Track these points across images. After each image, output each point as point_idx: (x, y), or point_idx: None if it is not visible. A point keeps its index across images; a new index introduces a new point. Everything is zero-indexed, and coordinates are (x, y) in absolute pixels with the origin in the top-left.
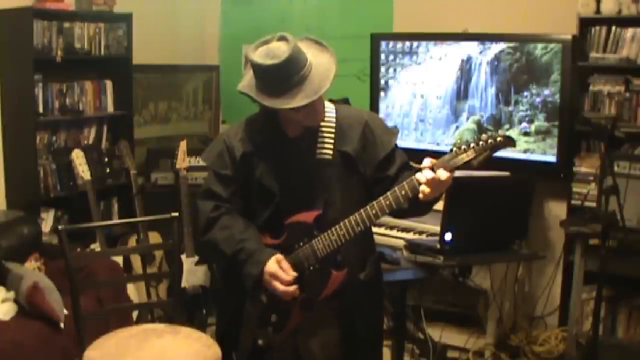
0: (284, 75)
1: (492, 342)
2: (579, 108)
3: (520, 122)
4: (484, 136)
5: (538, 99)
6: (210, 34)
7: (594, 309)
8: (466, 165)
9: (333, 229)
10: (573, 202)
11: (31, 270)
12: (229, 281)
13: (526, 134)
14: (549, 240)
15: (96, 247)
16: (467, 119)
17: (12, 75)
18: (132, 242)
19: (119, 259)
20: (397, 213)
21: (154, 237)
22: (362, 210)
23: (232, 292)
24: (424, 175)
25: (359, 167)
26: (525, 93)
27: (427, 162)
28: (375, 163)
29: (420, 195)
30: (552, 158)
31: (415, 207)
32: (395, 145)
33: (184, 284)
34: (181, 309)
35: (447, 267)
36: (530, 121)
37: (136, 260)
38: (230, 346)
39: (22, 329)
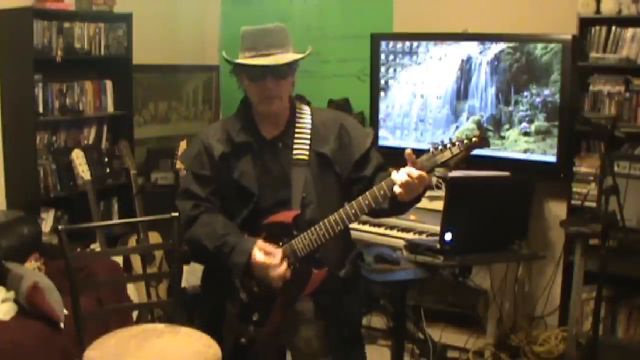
0: (267, 40)
1: (492, 342)
2: (579, 108)
3: (520, 122)
4: (459, 136)
5: (538, 99)
6: (210, 34)
7: (594, 309)
8: (443, 165)
9: (313, 228)
10: (573, 202)
11: (31, 270)
12: (207, 281)
13: (526, 134)
14: (549, 240)
15: (96, 247)
16: (467, 119)
17: (12, 75)
18: (132, 242)
19: (119, 259)
20: (378, 212)
21: (154, 237)
22: (341, 210)
23: (211, 292)
24: (400, 175)
25: (335, 168)
26: (525, 93)
27: (408, 151)
28: (352, 163)
29: (398, 195)
30: (552, 158)
31: (396, 206)
32: (371, 145)
33: (184, 284)
34: (181, 309)
35: (447, 267)
36: (530, 121)
37: (136, 260)
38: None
39: (22, 329)
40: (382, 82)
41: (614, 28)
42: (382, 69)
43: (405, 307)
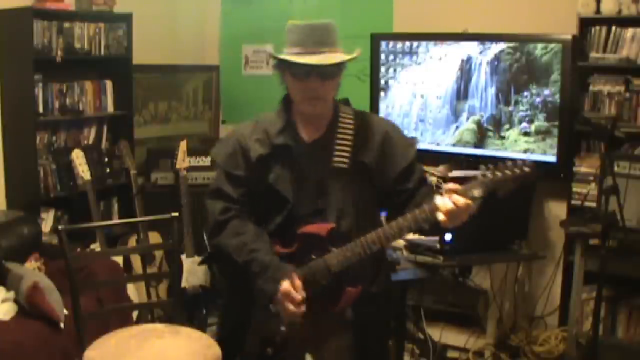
0: (315, 36)
1: (492, 342)
2: (579, 108)
3: (520, 122)
4: (510, 164)
5: (538, 99)
6: (210, 34)
7: (594, 309)
8: (489, 194)
9: (349, 245)
10: (573, 202)
11: (31, 270)
12: (234, 282)
13: (526, 134)
14: (549, 240)
15: (96, 247)
16: (467, 119)
17: (12, 75)
18: (132, 242)
19: (119, 259)
20: (416, 231)
21: (154, 237)
22: (380, 230)
23: (238, 292)
24: (444, 201)
25: (374, 179)
26: (525, 93)
27: (451, 186)
28: (393, 175)
29: (440, 222)
30: (552, 158)
31: (436, 229)
32: (415, 157)
33: (184, 284)
34: (181, 309)
35: (447, 267)
36: (530, 121)
37: (136, 260)
38: (233, 348)
39: (22, 329)
40: (382, 82)
41: (614, 28)
42: (382, 69)
43: (405, 307)
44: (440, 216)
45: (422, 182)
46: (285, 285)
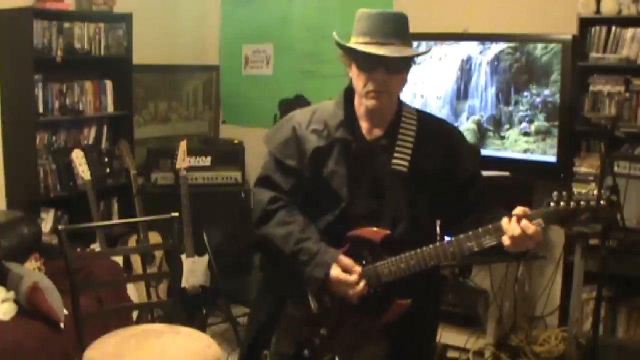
0: (387, 27)
1: (492, 342)
2: (579, 108)
3: (520, 122)
4: (587, 194)
5: (538, 99)
6: (210, 34)
7: (594, 309)
8: (561, 224)
9: (403, 256)
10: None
11: (31, 270)
12: (271, 276)
13: (526, 134)
14: (549, 240)
15: (96, 247)
16: (467, 119)
17: (12, 75)
18: (132, 242)
19: (119, 259)
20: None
21: (154, 237)
22: (439, 245)
23: (272, 288)
24: (513, 227)
25: (433, 185)
26: (525, 93)
27: (520, 209)
28: (454, 185)
29: (505, 246)
30: (552, 158)
31: (497, 251)
32: (479, 166)
33: (184, 284)
34: (181, 309)
35: (447, 267)
36: (530, 121)
37: (136, 260)
38: (262, 345)
39: (22, 329)
40: None
41: (614, 28)
42: None
43: None
44: (506, 241)
45: (483, 196)
46: (334, 271)
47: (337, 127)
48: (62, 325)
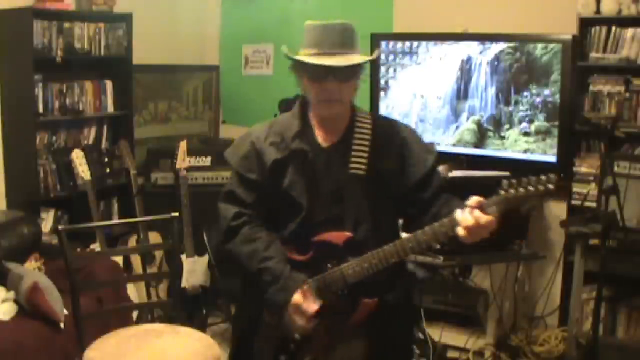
0: (333, 38)
1: (492, 342)
2: (579, 108)
3: (520, 122)
4: (533, 180)
5: (538, 99)
6: (210, 34)
7: (594, 309)
8: (512, 210)
9: (365, 256)
10: (573, 202)
11: (31, 270)
12: (249, 288)
13: (526, 134)
14: (549, 240)
15: (96, 247)
16: (467, 119)
17: (12, 75)
18: (132, 242)
19: (119, 259)
20: (435, 245)
21: (154, 237)
22: (397, 242)
23: (251, 296)
24: (465, 217)
25: (392, 186)
26: (525, 93)
27: (473, 200)
28: (411, 183)
29: (460, 237)
30: (552, 158)
31: (454, 243)
32: (433, 164)
33: (184, 284)
34: (181, 309)
35: (447, 267)
36: (530, 121)
37: (136, 260)
38: (245, 352)
39: (22, 329)
40: (382, 82)
41: (614, 28)
42: (382, 69)
43: None
44: (461, 231)
45: (440, 192)
46: (297, 297)
47: (293, 137)
48: (62, 325)
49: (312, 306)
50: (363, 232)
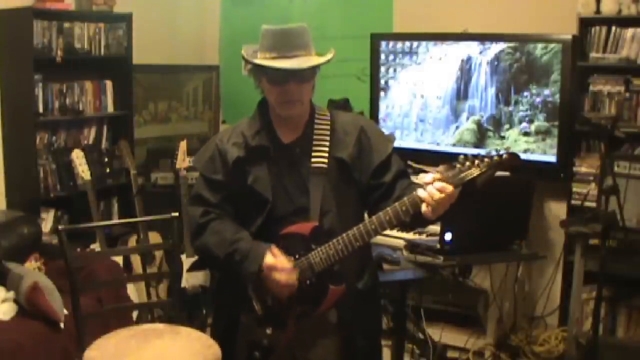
0: (289, 41)
1: (492, 342)
2: (579, 108)
3: (520, 122)
4: (488, 152)
5: (538, 99)
6: (210, 34)
7: (594, 309)
8: (469, 183)
9: (331, 243)
10: (573, 202)
11: (31, 270)
12: (221, 291)
13: (526, 134)
14: (549, 240)
15: (96, 247)
16: (467, 119)
17: (12, 75)
18: (132, 242)
19: (119, 259)
20: (399, 226)
21: (154, 237)
22: (360, 225)
23: (225, 302)
24: (427, 191)
25: (354, 174)
26: (525, 93)
27: (430, 177)
28: (371, 170)
29: (423, 212)
30: (552, 158)
31: (418, 221)
32: (392, 151)
33: (184, 284)
34: (181, 309)
35: (447, 267)
36: (530, 121)
37: (136, 260)
38: (226, 352)
39: (22, 329)
40: (382, 82)
41: (614, 28)
42: (382, 69)
43: (405, 307)
44: (424, 207)
45: (400, 176)
46: (269, 258)
47: (253, 135)
48: (62, 325)
49: (286, 261)
50: (329, 222)
